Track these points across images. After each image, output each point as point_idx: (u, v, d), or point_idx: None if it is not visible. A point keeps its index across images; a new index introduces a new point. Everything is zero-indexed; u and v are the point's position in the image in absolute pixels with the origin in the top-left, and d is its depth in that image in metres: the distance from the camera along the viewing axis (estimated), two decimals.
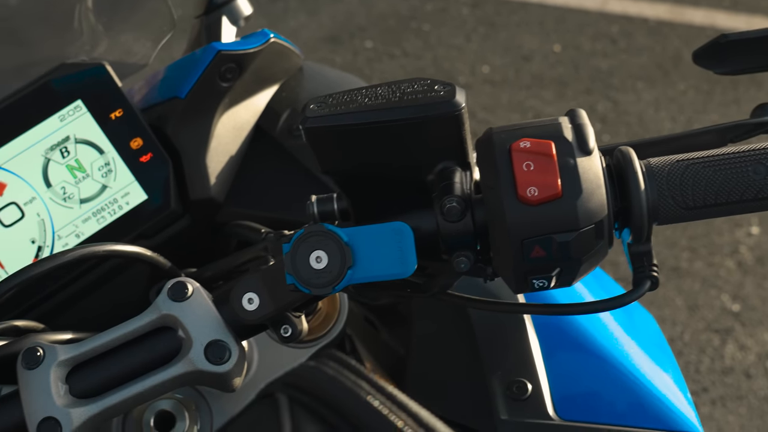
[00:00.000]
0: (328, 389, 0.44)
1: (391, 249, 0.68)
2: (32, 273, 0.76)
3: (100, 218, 0.93)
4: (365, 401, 0.43)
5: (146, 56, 1.00)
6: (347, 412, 0.43)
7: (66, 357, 0.73)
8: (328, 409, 0.43)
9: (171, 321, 0.74)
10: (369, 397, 0.43)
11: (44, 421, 0.70)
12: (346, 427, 0.43)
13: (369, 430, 0.42)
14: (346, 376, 0.44)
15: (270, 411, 0.44)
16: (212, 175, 0.96)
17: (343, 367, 0.45)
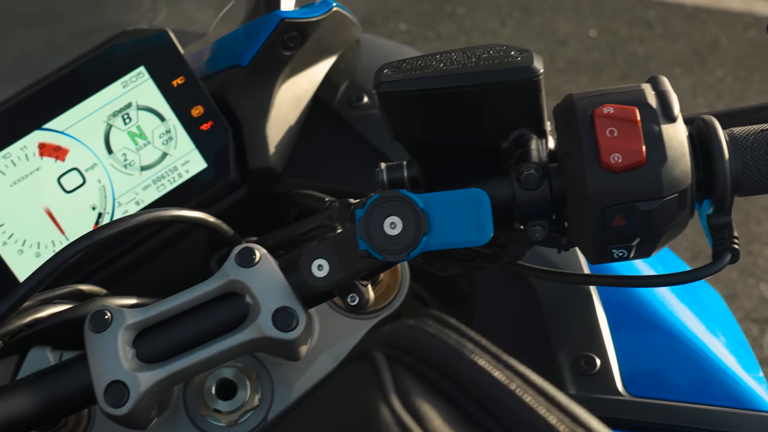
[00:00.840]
0: (429, 348, 0.43)
1: (467, 216, 0.67)
2: (101, 236, 0.75)
3: (160, 186, 0.93)
4: (471, 360, 0.42)
5: (206, 24, 0.99)
6: (451, 371, 0.42)
7: (133, 321, 0.72)
8: (429, 368, 0.42)
9: (238, 287, 0.73)
10: (474, 357, 0.42)
11: (112, 384, 0.70)
12: (450, 386, 0.42)
13: (476, 388, 0.41)
14: (448, 335, 0.43)
15: (366, 369, 0.43)
16: (271, 145, 0.96)
17: (444, 326, 0.44)
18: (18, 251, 0.89)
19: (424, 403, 0.41)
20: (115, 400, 0.70)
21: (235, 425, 0.81)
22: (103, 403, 0.70)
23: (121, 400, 0.70)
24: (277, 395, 0.82)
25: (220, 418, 0.81)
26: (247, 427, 0.81)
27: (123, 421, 0.72)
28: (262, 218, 0.99)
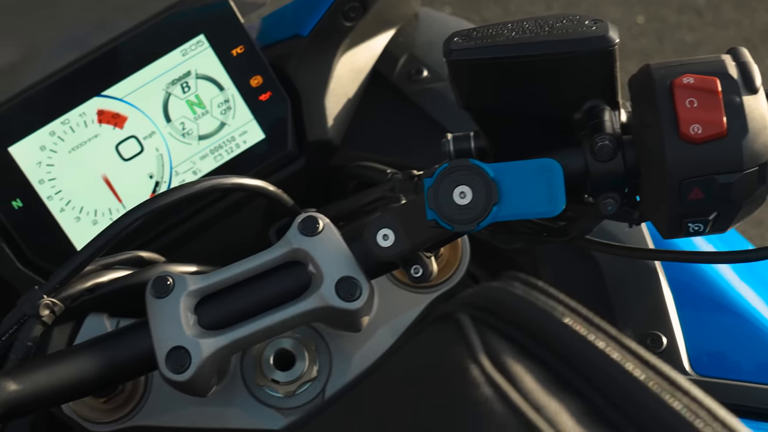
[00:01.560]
0: (517, 309, 0.41)
1: (539, 186, 0.65)
2: (164, 202, 0.74)
3: (217, 156, 0.92)
4: (562, 322, 0.40)
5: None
6: (541, 334, 0.40)
7: (195, 287, 0.72)
8: (518, 330, 0.41)
9: (301, 255, 0.72)
10: (566, 319, 0.40)
11: (174, 350, 0.69)
12: (540, 347, 0.40)
13: (568, 350, 0.40)
14: (536, 297, 0.42)
15: (450, 330, 0.42)
16: (330, 117, 0.95)
17: (531, 288, 0.43)
18: (75, 218, 0.89)
19: (515, 364, 0.40)
20: (176, 365, 0.69)
21: (292, 396, 0.80)
22: (165, 368, 0.69)
23: (182, 366, 0.69)
24: (335, 367, 0.81)
25: (277, 388, 0.80)
26: (305, 399, 0.80)
27: (183, 388, 0.71)
28: (318, 191, 0.98)
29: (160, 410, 0.81)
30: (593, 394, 0.39)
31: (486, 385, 0.38)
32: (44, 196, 0.88)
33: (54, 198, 0.88)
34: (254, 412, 0.80)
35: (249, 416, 0.80)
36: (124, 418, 0.81)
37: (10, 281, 0.87)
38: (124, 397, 0.81)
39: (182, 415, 0.80)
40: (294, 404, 0.80)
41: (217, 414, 0.80)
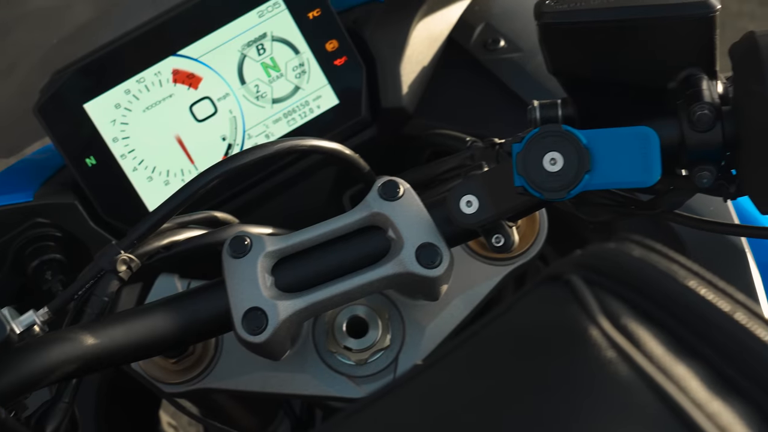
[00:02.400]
0: (635, 272, 0.40)
1: (633, 155, 0.63)
2: (243, 161, 0.73)
3: (290, 120, 0.91)
4: (685, 285, 0.38)
5: None
6: (661, 297, 0.39)
7: (273, 248, 0.71)
8: (636, 293, 0.39)
9: (381, 220, 0.71)
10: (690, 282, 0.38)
11: (250, 311, 0.68)
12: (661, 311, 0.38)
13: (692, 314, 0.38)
14: (656, 259, 0.40)
15: (562, 291, 0.40)
16: (405, 84, 0.93)
17: (650, 250, 0.41)
18: (147, 178, 0.88)
19: (636, 326, 0.38)
20: (253, 327, 0.68)
21: (364, 365, 0.79)
22: (241, 329, 0.68)
23: (259, 328, 0.68)
24: (409, 337, 0.80)
25: (349, 356, 0.79)
26: (376, 368, 0.79)
27: (258, 350, 0.70)
28: (388, 160, 0.96)
29: (230, 374, 0.80)
30: (720, 360, 0.37)
31: (608, 348, 0.37)
32: (118, 154, 0.87)
33: (127, 157, 0.87)
34: (325, 378, 0.79)
35: (320, 383, 0.79)
36: (193, 380, 0.80)
37: (81, 239, 0.87)
38: (193, 359, 0.80)
39: (252, 379, 0.79)
40: (365, 372, 0.79)
41: (287, 379, 0.79)
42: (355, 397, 0.79)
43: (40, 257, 0.85)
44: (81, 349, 0.64)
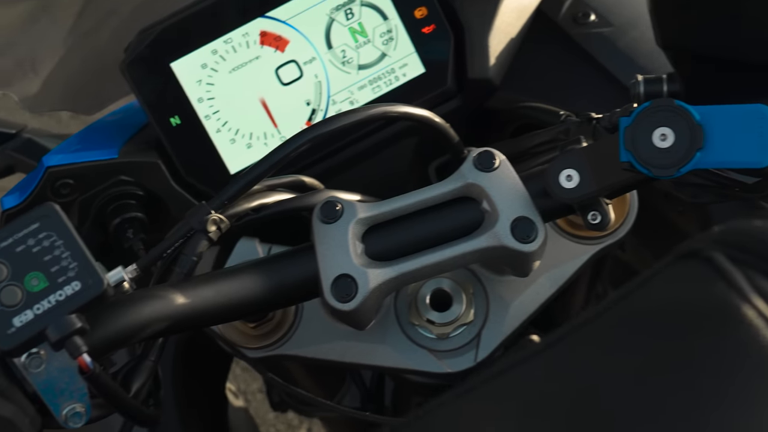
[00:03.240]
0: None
1: (748, 134, 0.61)
2: (336, 125, 0.72)
3: (375, 87, 0.89)
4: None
5: None
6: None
7: (365, 215, 0.69)
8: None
9: (475, 191, 0.70)
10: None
11: (340, 277, 0.67)
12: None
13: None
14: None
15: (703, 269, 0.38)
16: (492, 56, 0.91)
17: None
18: (230, 140, 0.87)
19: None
20: (342, 294, 0.67)
21: (445, 339, 0.78)
22: (329, 296, 0.67)
23: (349, 295, 0.67)
24: (492, 313, 0.78)
25: (431, 329, 0.77)
26: (458, 343, 0.78)
27: (345, 318, 0.69)
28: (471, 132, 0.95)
29: (309, 342, 0.79)
30: None
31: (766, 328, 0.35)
32: (202, 115, 0.86)
33: (211, 118, 0.86)
34: (406, 351, 0.78)
35: (400, 355, 0.78)
36: (272, 346, 0.79)
37: (162, 199, 0.86)
38: (272, 325, 0.80)
39: (331, 348, 0.79)
40: (447, 347, 0.78)
41: (367, 350, 0.78)
42: (436, 371, 0.77)
43: (122, 215, 0.84)
44: (172, 307, 0.64)
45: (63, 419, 0.60)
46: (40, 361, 0.58)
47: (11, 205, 0.83)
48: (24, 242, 0.58)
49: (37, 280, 0.57)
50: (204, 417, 0.96)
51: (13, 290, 0.57)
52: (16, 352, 0.57)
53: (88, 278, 0.58)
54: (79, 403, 0.60)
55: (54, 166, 0.82)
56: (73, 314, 0.57)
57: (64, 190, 0.83)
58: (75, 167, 0.83)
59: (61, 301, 0.57)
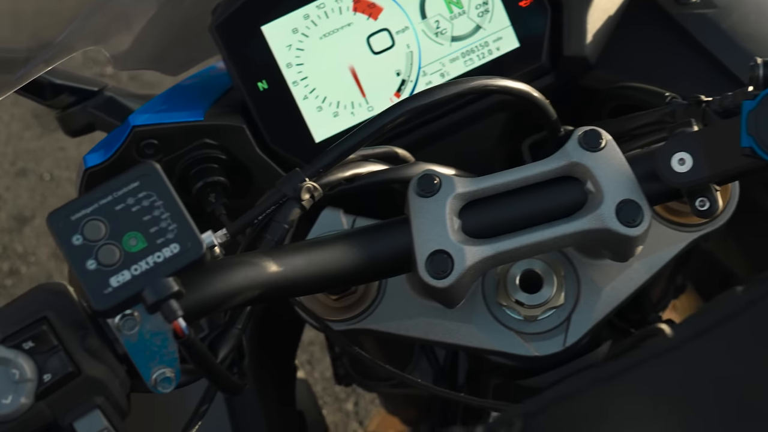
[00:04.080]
0: None
1: None
2: (433, 98, 0.70)
3: (468, 60, 0.86)
4: None
5: None
6: None
7: (463, 190, 0.67)
8: None
9: (579, 171, 0.67)
10: None
11: (436, 253, 0.65)
12: None
13: None
14: None
15: None
16: (590, 33, 0.88)
17: None
18: (317, 108, 0.85)
19: None
20: (438, 270, 0.65)
21: (533, 321, 0.75)
22: (424, 271, 0.65)
23: (444, 272, 0.65)
24: (583, 297, 0.76)
25: (519, 310, 0.75)
26: (546, 326, 0.76)
27: (437, 295, 0.67)
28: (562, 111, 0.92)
29: (392, 317, 0.77)
30: None
31: None
32: (290, 80, 0.84)
33: (299, 84, 0.84)
34: (492, 332, 0.76)
35: (486, 335, 0.76)
36: (353, 319, 0.78)
37: (245, 164, 0.85)
38: (354, 298, 0.78)
39: (415, 324, 0.77)
40: (534, 330, 0.76)
41: (451, 329, 0.76)
42: (522, 354, 0.75)
43: (205, 179, 0.83)
44: (265, 275, 0.62)
45: (153, 383, 0.58)
46: (133, 323, 0.57)
47: (94, 163, 0.82)
48: (123, 201, 0.56)
49: (135, 240, 0.56)
50: (276, 387, 0.94)
51: (111, 249, 0.55)
52: (111, 312, 0.55)
53: (187, 241, 0.56)
54: (169, 368, 0.59)
55: (140, 125, 0.81)
56: (170, 277, 0.55)
57: (149, 151, 0.82)
58: (161, 128, 0.82)
59: (159, 263, 0.56)
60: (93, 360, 0.56)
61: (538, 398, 0.40)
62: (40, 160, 2.81)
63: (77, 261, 0.55)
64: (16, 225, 2.65)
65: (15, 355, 0.54)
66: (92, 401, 0.55)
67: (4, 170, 2.80)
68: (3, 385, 0.53)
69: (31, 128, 2.90)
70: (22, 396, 0.53)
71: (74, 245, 0.55)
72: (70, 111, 0.95)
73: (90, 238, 0.55)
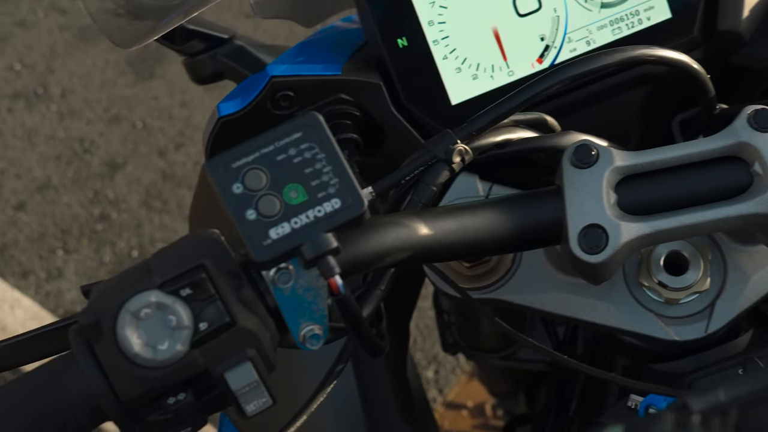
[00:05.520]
0: None
1: None
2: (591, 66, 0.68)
3: (616, 29, 0.83)
4: None
5: None
6: None
7: (622, 164, 0.64)
8: None
9: (747, 152, 0.63)
10: None
11: (590, 227, 0.63)
12: None
13: None
14: None
15: None
16: (747, 7, 0.83)
17: None
18: (456, 69, 0.82)
19: None
20: (591, 245, 0.62)
21: (675, 305, 0.73)
22: (575, 245, 0.63)
23: (598, 247, 0.62)
24: (729, 283, 0.72)
25: (662, 292, 0.72)
26: (688, 311, 0.73)
27: (586, 270, 0.65)
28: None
29: (526, 289, 0.75)
30: None
31: None
32: (430, 39, 0.82)
33: (440, 43, 0.82)
34: (630, 312, 0.73)
35: (623, 315, 0.73)
36: (486, 289, 0.76)
37: (378, 122, 0.83)
38: (488, 267, 0.76)
39: (549, 298, 0.74)
40: (676, 313, 0.73)
41: (588, 306, 0.74)
42: (661, 337, 0.72)
43: (338, 135, 0.81)
44: (416, 237, 0.60)
45: (301, 339, 0.57)
46: (288, 277, 0.56)
47: (229, 112, 0.81)
48: (285, 151, 0.55)
49: (296, 192, 0.54)
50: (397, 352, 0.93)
51: (271, 200, 0.54)
52: (268, 264, 0.54)
53: (349, 197, 0.55)
54: (318, 325, 0.57)
55: (278, 76, 0.79)
56: (329, 233, 0.54)
57: (284, 102, 0.80)
58: (298, 80, 0.80)
59: (319, 217, 0.54)
60: (247, 312, 0.55)
61: (747, 390, 0.37)
62: (133, 108, 2.83)
63: (237, 210, 0.54)
64: (108, 171, 2.69)
65: (173, 302, 0.53)
66: (244, 353, 0.54)
67: (98, 116, 2.83)
68: (160, 331, 0.52)
69: (126, 75, 2.93)
70: (179, 343, 0.53)
71: (234, 193, 0.54)
72: (200, 58, 0.94)
73: (251, 187, 0.54)
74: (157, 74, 2.88)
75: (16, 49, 3.04)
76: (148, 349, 0.52)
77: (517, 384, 1.33)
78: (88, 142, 2.75)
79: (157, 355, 0.52)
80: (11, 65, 3.00)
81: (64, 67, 2.98)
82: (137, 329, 0.52)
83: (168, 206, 2.57)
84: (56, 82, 2.93)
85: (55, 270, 2.49)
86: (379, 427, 0.78)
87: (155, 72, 2.89)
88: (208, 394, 0.55)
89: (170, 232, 2.52)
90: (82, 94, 2.88)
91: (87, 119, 2.81)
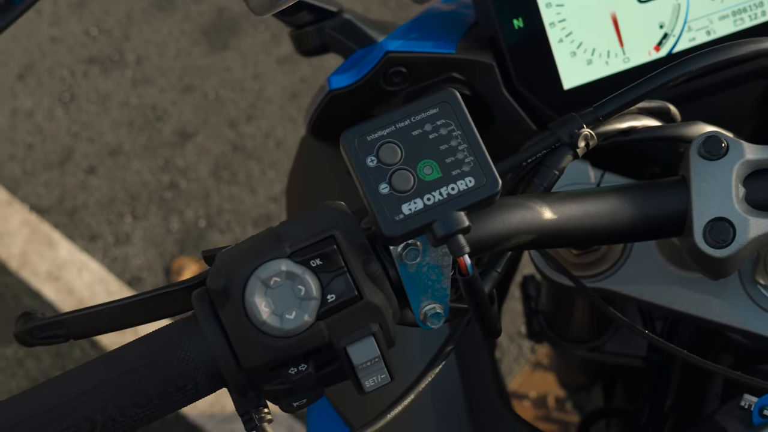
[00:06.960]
0: None
1: None
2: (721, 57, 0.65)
3: (738, 20, 0.81)
4: None
5: None
6: None
7: (753, 158, 0.63)
8: None
9: None
10: None
11: (717, 221, 0.61)
12: None
13: None
14: None
15: None
16: None
17: None
18: (571, 53, 0.81)
19: None
20: (717, 239, 0.61)
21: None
22: (700, 238, 0.61)
23: (724, 241, 0.61)
24: None
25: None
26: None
27: (708, 265, 0.63)
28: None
29: (636, 280, 0.74)
30: None
31: None
32: (547, 21, 0.80)
33: (556, 26, 0.80)
34: (744, 310, 0.71)
35: (737, 313, 0.71)
36: (594, 278, 0.74)
37: (488, 103, 0.82)
38: (597, 256, 0.74)
39: (659, 291, 0.73)
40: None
41: (700, 301, 0.72)
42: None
43: None
44: (540, 221, 0.59)
45: (422, 317, 0.57)
46: (416, 254, 0.55)
47: (340, 85, 0.81)
48: (420, 126, 0.54)
49: (430, 168, 0.54)
50: None
51: (405, 175, 0.53)
52: (398, 240, 0.54)
53: (483, 176, 0.54)
54: (439, 303, 0.57)
55: (393, 51, 0.79)
56: (461, 211, 0.53)
57: (396, 78, 0.80)
58: (412, 56, 0.79)
59: (452, 195, 0.53)
60: (373, 286, 0.54)
61: None
62: (206, 78, 2.85)
63: (370, 183, 0.53)
64: (179, 140, 2.71)
65: (303, 272, 0.52)
66: (368, 328, 0.54)
67: (171, 84, 2.85)
68: (288, 300, 0.52)
69: (200, 45, 2.95)
70: (306, 313, 0.52)
71: (368, 166, 0.53)
72: (307, 30, 0.93)
73: (385, 161, 0.53)
74: (231, 45, 2.89)
75: (93, 14, 3.07)
76: (275, 318, 0.52)
77: (593, 377, 1.31)
78: (161, 110, 2.77)
79: (284, 324, 0.52)
80: (88, 30, 3.03)
81: (140, 34, 3.00)
82: (265, 297, 0.52)
83: (237, 178, 2.58)
84: (132, 48, 2.96)
85: (123, 235, 2.51)
86: (479, 412, 0.78)
87: (229, 43, 2.90)
88: (328, 366, 0.55)
89: (238, 203, 2.53)
90: (157, 62, 2.90)
91: (160, 87, 2.83)
